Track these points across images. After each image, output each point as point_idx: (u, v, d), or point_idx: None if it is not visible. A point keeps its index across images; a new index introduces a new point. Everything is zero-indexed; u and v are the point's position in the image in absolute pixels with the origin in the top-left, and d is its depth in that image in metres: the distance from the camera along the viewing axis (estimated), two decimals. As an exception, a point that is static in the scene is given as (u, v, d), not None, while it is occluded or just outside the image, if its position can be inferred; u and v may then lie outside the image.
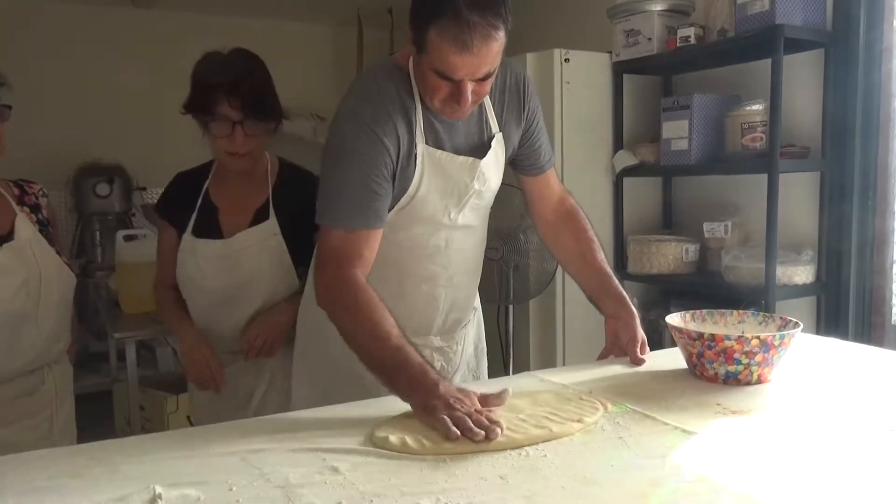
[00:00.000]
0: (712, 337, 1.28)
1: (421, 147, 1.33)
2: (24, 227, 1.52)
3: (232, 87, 1.56)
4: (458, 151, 1.38)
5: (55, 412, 1.63)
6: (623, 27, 2.85)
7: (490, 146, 1.42)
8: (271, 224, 1.69)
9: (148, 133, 4.07)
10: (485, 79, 1.24)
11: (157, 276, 1.83)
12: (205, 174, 1.77)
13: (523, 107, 1.46)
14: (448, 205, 1.41)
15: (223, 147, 1.62)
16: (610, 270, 1.55)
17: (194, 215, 1.72)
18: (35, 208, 1.60)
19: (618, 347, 1.48)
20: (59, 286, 1.58)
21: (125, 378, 2.51)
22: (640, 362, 1.42)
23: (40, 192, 1.63)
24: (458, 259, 1.48)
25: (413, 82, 1.32)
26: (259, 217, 1.70)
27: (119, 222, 3.79)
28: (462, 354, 1.62)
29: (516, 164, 1.55)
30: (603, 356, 1.50)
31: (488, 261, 1.96)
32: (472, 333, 1.67)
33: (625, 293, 1.51)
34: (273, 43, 4.66)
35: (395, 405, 1.17)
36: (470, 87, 1.23)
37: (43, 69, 3.96)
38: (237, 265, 1.69)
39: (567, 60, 2.82)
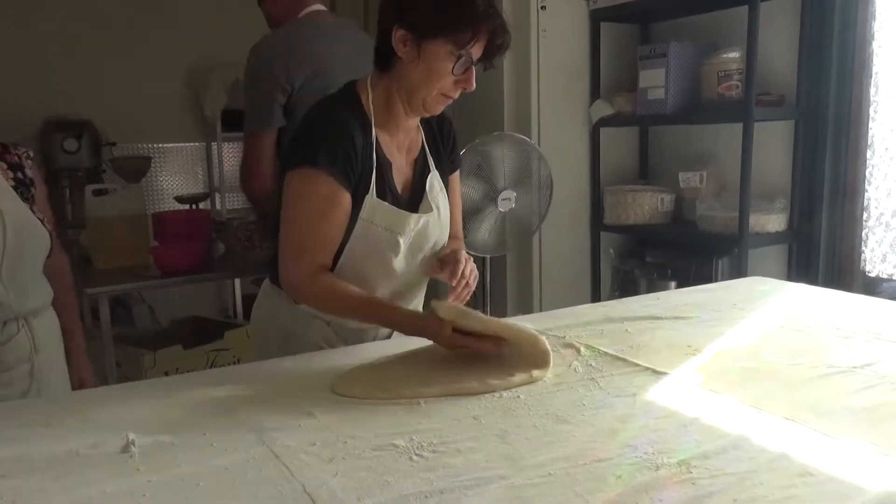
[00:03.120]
0: None
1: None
2: None
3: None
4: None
5: (35, 368, 1.64)
6: (600, -27, 2.80)
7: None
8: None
9: (118, 87, 3.95)
10: None
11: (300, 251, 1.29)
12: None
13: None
14: None
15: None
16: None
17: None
18: (15, 167, 1.66)
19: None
20: (30, 243, 1.60)
21: (100, 336, 2.48)
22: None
23: (25, 155, 1.70)
24: None
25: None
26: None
27: (89, 179, 3.70)
28: None
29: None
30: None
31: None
32: None
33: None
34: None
35: (361, 354, 1.20)
36: None
37: (4, 19, 3.81)
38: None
39: (543, 8, 2.76)
